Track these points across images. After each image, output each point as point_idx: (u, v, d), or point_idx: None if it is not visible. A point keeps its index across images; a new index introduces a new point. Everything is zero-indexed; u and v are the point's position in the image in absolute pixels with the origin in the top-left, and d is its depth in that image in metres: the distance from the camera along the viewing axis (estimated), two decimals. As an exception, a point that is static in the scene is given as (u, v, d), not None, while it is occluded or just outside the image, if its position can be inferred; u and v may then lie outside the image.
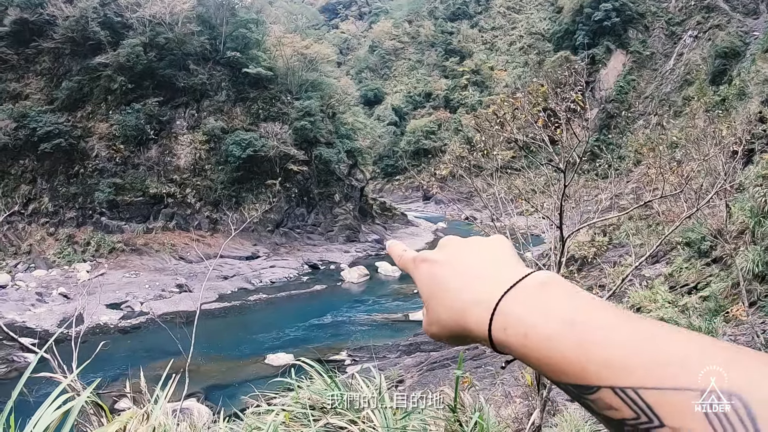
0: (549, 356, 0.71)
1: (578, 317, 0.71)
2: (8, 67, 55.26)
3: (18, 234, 51.02)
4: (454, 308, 0.85)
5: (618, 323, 0.69)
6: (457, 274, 0.89)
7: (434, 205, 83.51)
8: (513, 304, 0.78)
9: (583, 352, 0.67)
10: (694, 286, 27.35)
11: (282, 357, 31.56)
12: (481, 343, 0.82)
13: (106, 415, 3.32)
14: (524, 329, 0.75)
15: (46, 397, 2.79)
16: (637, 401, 0.61)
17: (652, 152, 14.04)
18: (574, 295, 0.76)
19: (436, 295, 0.90)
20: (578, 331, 0.69)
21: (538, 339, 0.73)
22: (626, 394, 0.62)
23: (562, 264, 8.40)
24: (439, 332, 0.89)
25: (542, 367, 0.73)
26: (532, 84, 10.65)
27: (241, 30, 60.77)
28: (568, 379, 0.69)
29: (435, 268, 0.92)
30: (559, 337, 0.70)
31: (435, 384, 20.02)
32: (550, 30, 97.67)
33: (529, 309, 0.76)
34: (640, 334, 0.66)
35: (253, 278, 48.59)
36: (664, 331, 0.66)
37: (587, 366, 0.66)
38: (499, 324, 0.78)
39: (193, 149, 56.86)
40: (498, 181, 10.74)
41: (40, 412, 2.62)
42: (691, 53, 78.86)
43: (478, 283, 0.85)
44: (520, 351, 0.75)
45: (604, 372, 0.64)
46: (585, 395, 0.67)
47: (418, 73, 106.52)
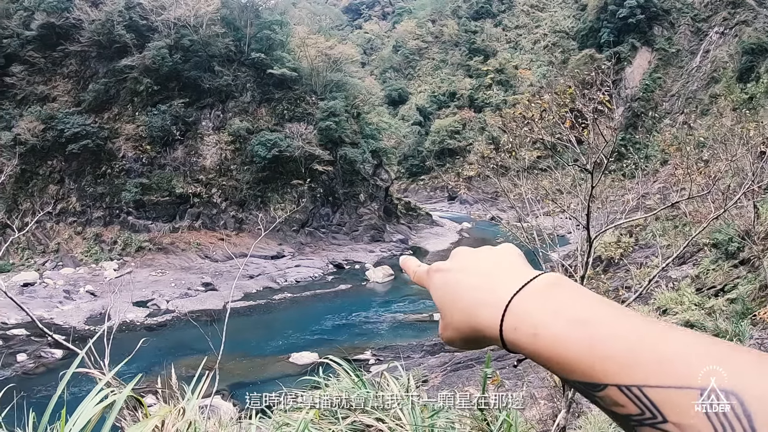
0: (558, 354, 0.75)
1: (585, 317, 0.75)
2: (36, 70, 56.12)
3: (46, 233, 51.78)
4: (466, 311, 0.90)
5: (623, 323, 0.72)
6: (469, 279, 0.93)
7: (459, 205, 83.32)
8: (522, 304, 0.83)
9: (591, 351, 0.71)
10: (721, 289, 26.89)
11: (306, 356, 31.71)
12: (494, 343, 0.86)
13: (144, 409, 3.40)
14: (534, 328, 0.79)
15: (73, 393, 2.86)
16: (641, 398, 0.65)
17: (678, 152, 13.92)
18: (581, 296, 0.80)
19: (449, 300, 0.94)
20: (586, 331, 0.73)
21: (548, 338, 0.76)
22: (631, 391, 0.66)
23: (588, 264, 8.38)
24: (453, 335, 0.93)
25: (552, 365, 0.77)
26: (559, 84, 10.62)
27: (266, 31, 61.05)
28: (577, 377, 0.72)
29: (448, 276, 0.97)
30: (568, 336, 0.74)
31: (459, 385, 20.00)
32: (575, 28, 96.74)
33: (538, 309, 0.80)
34: (644, 333, 0.69)
35: (278, 277, 48.81)
36: (667, 331, 0.69)
37: (594, 364, 0.70)
38: (509, 324, 0.82)
39: (218, 150, 57.28)
40: (525, 182, 10.73)
41: (83, 407, 2.70)
42: (717, 50, 77.46)
43: (488, 287, 0.89)
44: (530, 349, 0.79)
45: (610, 370, 0.68)
46: (593, 392, 0.71)
47: (442, 72, 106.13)
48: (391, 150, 70.15)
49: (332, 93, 61.32)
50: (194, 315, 34.50)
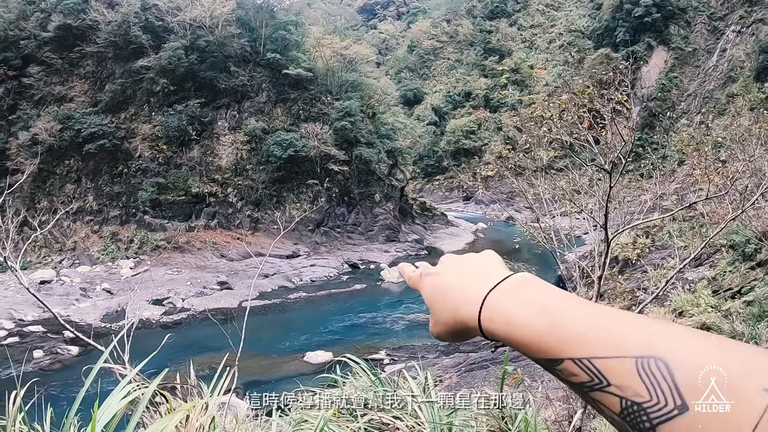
0: (526, 338, 0.91)
1: (547, 306, 0.91)
2: (53, 71, 56.63)
3: (63, 231, 52.24)
4: (451, 308, 1.06)
5: (577, 310, 0.88)
6: (453, 281, 1.10)
7: (474, 206, 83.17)
8: (496, 299, 0.99)
9: (552, 333, 0.86)
10: (737, 291, 26.61)
11: (321, 355, 31.79)
12: (475, 333, 1.02)
13: (169, 404, 3.45)
14: (506, 318, 0.95)
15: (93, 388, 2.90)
16: (590, 368, 0.80)
17: (696, 152, 13.83)
18: (545, 289, 0.96)
19: (437, 299, 1.12)
20: (547, 318, 0.89)
21: (517, 325, 0.93)
22: (583, 363, 0.81)
23: (605, 265, 8.35)
24: (441, 330, 1.10)
25: (522, 347, 0.92)
26: (578, 84, 10.59)
27: (281, 32, 61.18)
28: (541, 355, 0.88)
29: (437, 279, 1.15)
30: (533, 323, 0.90)
31: (474, 385, 19.97)
32: (590, 27, 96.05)
33: (509, 302, 0.97)
34: (593, 317, 0.85)
35: (294, 277, 48.94)
36: (611, 314, 0.85)
37: (554, 344, 0.85)
38: (486, 316, 0.99)
39: (234, 149, 57.51)
40: (541, 181, 10.70)
41: (109, 401, 2.74)
42: (734, 49, 76.52)
43: (469, 286, 1.05)
44: (504, 336, 0.95)
45: (566, 347, 0.84)
46: (554, 366, 0.86)
47: (458, 72, 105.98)
48: (407, 150, 70.14)
49: (347, 93, 61.35)
50: (210, 313, 34.69)
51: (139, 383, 3.18)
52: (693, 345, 0.75)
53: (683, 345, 0.75)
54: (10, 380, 3.28)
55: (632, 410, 0.75)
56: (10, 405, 3.01)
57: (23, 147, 52.59)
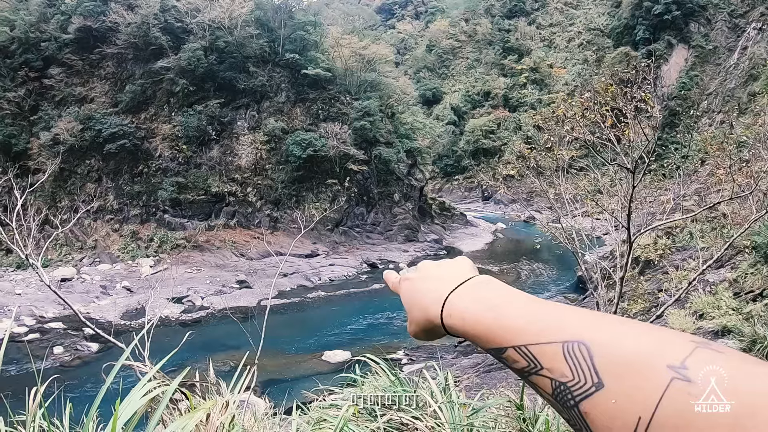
0: (477, 330, 1.01)
1: (496, 303, 1.01)
2: (74, 72, 57.37)
3: (84, 230, 52.76)
4: (423, 309, 1.17)
5: (519, 305, 0.97)
6: (426, 284, 1.20)
7: (494, 206, 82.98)
8: (456, 298, 1.10)
9: (498, 326, 0.96)
10: (759, 293, 26.12)
11: (339, 354, 31.84)
12: (441, 329, 1.13)
13: (189, 402, 3.44)
14: (462, 314, 1.06)
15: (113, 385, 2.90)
16: (528, 354, 0.89)
17: (719, 151, 13.65)
18: (498, 289, 1.06)
19: (412, 301, 1.23)
20: (494, 312, 0.99)
21: (470, 320, 1.03)
22: (521, 350, 0.90)
23: (627, 265, 8.25)
24: (415, 329, 1.21)
25: (475, 340, 1.02)
26: (600, 83, 10.49)
27: (299, 32, 61.39)
28: (490, 345, 0.97)
29: (412, 283, 1.26)
30: (483, 317, 1.00)
31: (493, 386, 19.88)
32: (609, 25, 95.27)
33: (466, 300, 1.08)
34: (532, 310, 0.95)
35: (312, 276, 49.05)
36: (547, 306, 0.95)
37: (499, 334, 0.95)
38: (446, 313, 1.10)
39: (254, 149, 57.77)
40: (562, 181, 10.60)
41: (129, 399, 2.74)
42: (755, 47, 75.61)
43: (437, 288, 1.15)
44: (461, 330, 1.05)
45: (508, 337, 0.93)
46: (500, 354, 0.95)
47: (476, 71, 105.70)
48: (426, 150, 70.07)
49: (366, 93, 61.38)
50: (229, 312, 34.85)
51: (159, 381, 3.18)
52: (615, 330, 0.83)
53: (606, 330, 0.84)
54: (30, 376, 3.28)
55: (560, 390, 0.83)
56: (30, 400, 3.01)
57: (45, 147, 53.23)
